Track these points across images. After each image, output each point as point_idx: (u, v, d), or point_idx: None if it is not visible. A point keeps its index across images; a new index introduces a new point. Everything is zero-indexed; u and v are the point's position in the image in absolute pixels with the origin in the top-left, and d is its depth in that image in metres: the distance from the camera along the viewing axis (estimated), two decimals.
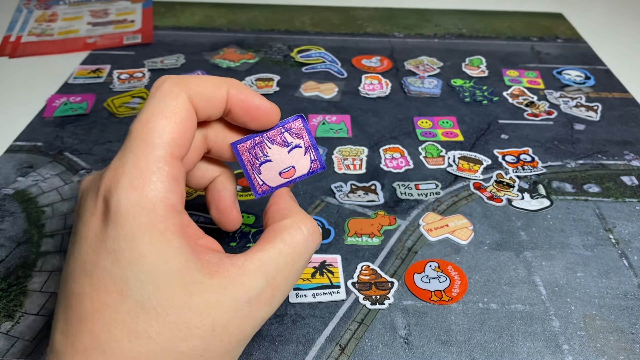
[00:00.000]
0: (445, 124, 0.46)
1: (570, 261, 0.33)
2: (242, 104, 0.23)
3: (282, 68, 0.54)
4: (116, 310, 0.19)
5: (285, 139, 0.25)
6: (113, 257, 0.19)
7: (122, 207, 0.19)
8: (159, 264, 0.19)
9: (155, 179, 0.20)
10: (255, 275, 0.20)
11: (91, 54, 0.56)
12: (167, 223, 0.19)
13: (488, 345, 0.28)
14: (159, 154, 0.20)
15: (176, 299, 0.19)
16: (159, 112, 0.21)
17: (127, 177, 0.20)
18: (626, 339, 0.29)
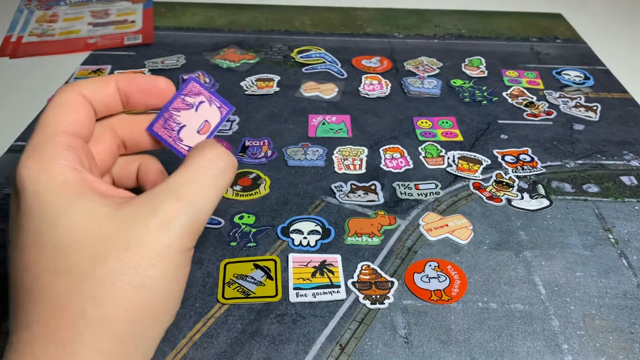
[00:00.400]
0: (444, 124, 0.46)
1: (569, 261, 0.33)
2: (136, 87, 0.26)
3: (282, 68, 0.54)
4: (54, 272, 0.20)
5: (187, 102, 0.27)
6: (29, 224, 0.21)
7: (23, 176, 0.21)
8: (66, 213, 0.21)
9: (50, 147, 0.22)
10: (159, 195, 0.22)
11: (92, 54, 0.56)
12: (66, 177, 0.21)
13: (488, 344, 0.28)
14: (50, 130, 0.23)
15: (86, 236, 0.21)
16: (50, 106, 0.24)
17: (26, 154, 0.22)
18: (625, 338, 0.29)
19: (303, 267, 0.32)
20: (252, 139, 0.43)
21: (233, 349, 0.28)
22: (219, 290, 0.31)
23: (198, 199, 0.22)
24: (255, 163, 0.41)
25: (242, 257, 0.33)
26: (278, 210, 0.36)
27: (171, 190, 0.22)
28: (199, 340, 0.28)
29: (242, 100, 0.49)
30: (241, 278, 0.31)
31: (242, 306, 0.30)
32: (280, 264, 0.32)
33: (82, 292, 0.20)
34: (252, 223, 0.35)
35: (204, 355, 0.27)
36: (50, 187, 0.21)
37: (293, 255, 0.33)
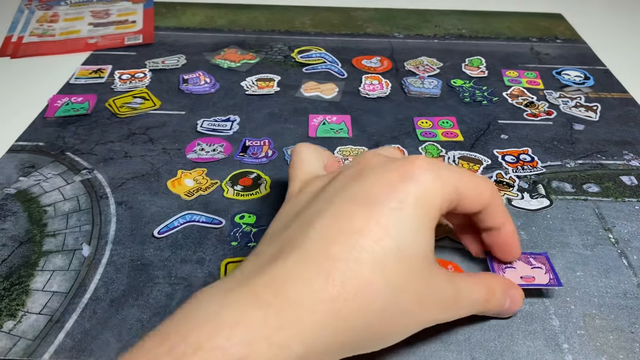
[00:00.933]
0: (445, 124, 0.46)
1: (569, 260, 0.33)
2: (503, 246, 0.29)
3: (282, 68, 0.54)
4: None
5: (529, 261, 0.31)
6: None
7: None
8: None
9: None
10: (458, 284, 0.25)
11: (92, 54, 0.56)
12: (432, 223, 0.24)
13: (488, 344, 0.28)
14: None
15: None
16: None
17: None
18: (626, 337, 0.29)
19: None
20: (252, 139, 0.44)
21: None
22: None
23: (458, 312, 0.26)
24: (255, 163, 0.41)
25: (243, 257, 0.33)
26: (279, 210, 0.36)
27: (456, 288, 0.25)
28: None
29: (243, 101, 0.49)
30: None
31: None
32: None
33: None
34: (252, 223, 0.35)
35: None
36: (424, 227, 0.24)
37: None
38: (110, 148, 0.42)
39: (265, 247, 0.24)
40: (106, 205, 0.37)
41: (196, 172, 0.40)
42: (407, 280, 0.22)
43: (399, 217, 0.22)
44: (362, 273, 0.21)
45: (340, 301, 0.21)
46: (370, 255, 0.21)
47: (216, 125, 0.45)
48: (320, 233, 0.22)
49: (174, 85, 0.51)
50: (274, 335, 0.19)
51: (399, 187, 0.23)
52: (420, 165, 0.23)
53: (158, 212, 0.36)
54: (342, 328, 0.21)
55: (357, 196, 0.23)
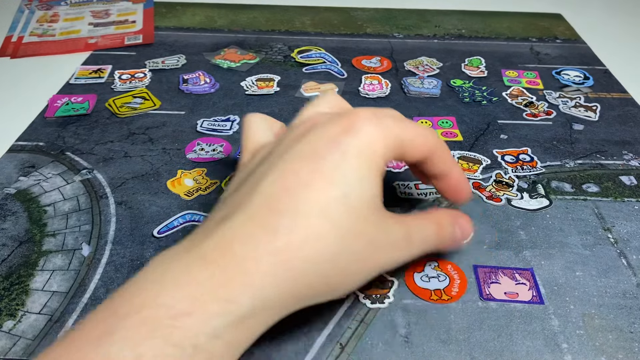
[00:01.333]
0: (444, 124, 0.46)
1: (569, 260, 0.33)
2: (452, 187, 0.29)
3: (282, 68, 0.54)
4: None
5: (514, 277, 0.32)
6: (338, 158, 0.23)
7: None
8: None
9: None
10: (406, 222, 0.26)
11: (92, 54, 0.56)
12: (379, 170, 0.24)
13: (487, 344, 0.28)
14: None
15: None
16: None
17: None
18: (625, 337, 0.29)
19: None
20: None
21: None
22: None
23: (414, 252, 0.26)
24: None
25: None
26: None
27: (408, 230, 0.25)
28: None
29: (243, 101, 0.49)
30: None
31: None
32: None
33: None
34: None
35: None
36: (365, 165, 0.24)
37: None
38: (110, 148, 0.42)
39: (213, 213, 0.24)
40: (106, 205, 0.37)
41: (196, 172, 0.40)
42: (356, 225, 0.22)
43: (343, 167, 0.23)
44: (309, 223, 0.21)
45: (288, 251, 0.21)
46: (315, 205, 0.22)
47: (216, 125, 0.45)
48: (266, 191, 0.22)
49: (173, 85, 0.51)
50: (220, 290, 0.20)
51: (342, 139, 0.23)
52: (363, 116, 0.24)
53: (158, 212, 0.36)
54: (293, 278, 0.21)
55: (301, 153, 0.23)
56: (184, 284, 0.20)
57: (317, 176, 0.22)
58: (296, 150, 0.24)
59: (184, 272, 0.20)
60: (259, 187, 0.23)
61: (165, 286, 0.20)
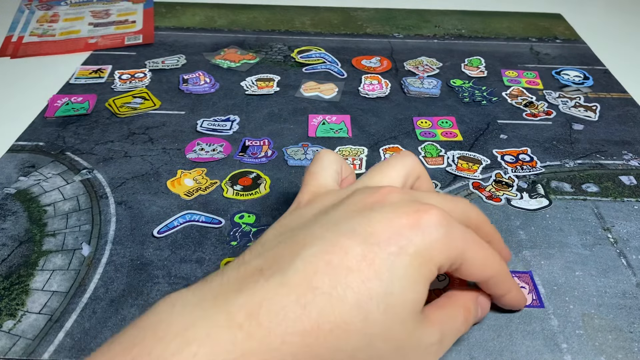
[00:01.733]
0: (444, 124, 0.46)
1: (568, 260, 0.33)
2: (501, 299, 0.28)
3: (282, 68, 0.54)
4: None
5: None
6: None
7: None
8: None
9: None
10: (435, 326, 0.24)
11: (92, 54, 0.56)
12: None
13: (487, 344, 0.28)
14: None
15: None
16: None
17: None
18: (624, 337, 0.29)
19: None
20: (252, 139, 0.44)
21: None
22: None
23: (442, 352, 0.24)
24: (255, 163, 0.41)
25: None
26: (278, 210, 0.37)
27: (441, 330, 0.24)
28: None
29: (243, 100, 0.49)
30: None
31: None
32: None
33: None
34: (252, 222, 0.35)
35: None
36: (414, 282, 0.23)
37: None
38: (110, 148, 0.42)
39: (252, 257, 0.23)
40: (106, 205, 0.37)
41: (196, 172, 0.40)
42: (388, 330, 0.21)
43: (395, 263, 0.21)
44: (342, 311, 0.20)
45: (313, 336, 0.20)
46: (354, 295, 0.20)
47: (216, 125, 0.45)
48: (309, 260, 0.21)
49: (173, 85, 0.51)
50: (239, 357, 0.19)
51: (404, 232, 0.21)
52: (433, 215, 0.22)
53: (158, 211, 0.36)
54: (307, 358, 0.20)
55: (357, 231, 0.22)
56: (205, 344, 0.19)
57: (365, 263, 0.21)
58: (354, 223, 0.22)
59: (207, 328, 0.19)
60: (303, 252, 0.21)
61: (187, 341, 0.19)
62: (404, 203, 0.23)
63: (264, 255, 0.22)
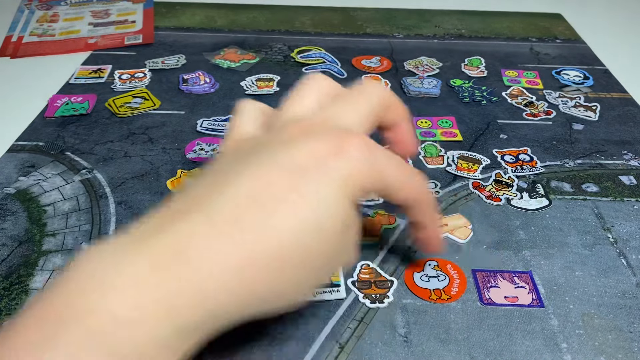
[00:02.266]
0: (444, 124, 0.46)
1: (568, 260, 0.33)
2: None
3: (282, 68, 0.54)
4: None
5: (513, 280, 0.32)
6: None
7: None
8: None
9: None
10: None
11: (92, 54, 0.56)
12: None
13: (487, 343, 0.28)
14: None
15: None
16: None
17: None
18: (624, 337, 0.29)
19: None
20: None
21: (233, 348, 0.28)
22: None
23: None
24: None
25: None
26: None
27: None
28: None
29: None
30: None
31: None
32: None
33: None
34: None
35: (204, 354, 0.27)
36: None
37: None
38: (109, 148, 0.42)
39: (173, 203, 0.22)
40: (106, 205, 0.37)
41: (196, 172, 0.40)
42: (322, 249, 0.22)
43: (322, 191, 0.21)
44: (274, 244, 0.20)
45: (247, 272, 0.20)
46: (285, 226, 0.20)
47: (216, 125, 0.45)
48: (235, 196, 0.21)
49: (173, 85, 0.51)
50: (171, 299, 0.18)
51: (329, 162, 0.22)
52: (355, 143, 0.23)
53: None
54: (245, 294, 0.20)
55: (281, 163, 0.22)
56: (132, 289, 0.18)
57: (294, 195, 0.21)
58: (278, 158, 0.22)
59: (132, 274, 0.19)
60: (228, 189, 0.21)
61: (112, 289, 0.18)
62: (325, 133, 0.23)
63: (186, 198, 0.22)
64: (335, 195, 0.22)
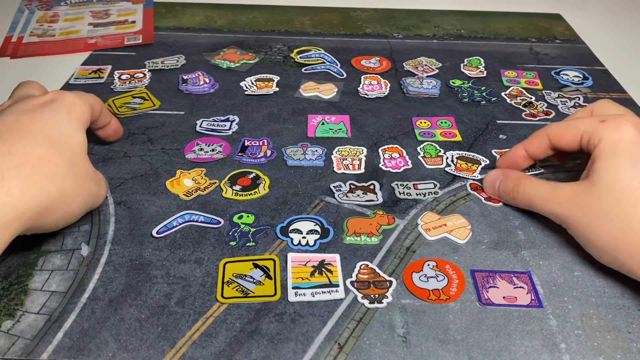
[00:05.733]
0: (443, 124, 0.46)
1: (567, 260, 0.33)
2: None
3: (282, 69, 0.54)
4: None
5: (512, 280, 0.32)
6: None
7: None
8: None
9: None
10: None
11: (92, 54, 0.56)
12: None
13: (486, 344, 0.28)
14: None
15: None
16: None
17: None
18: (623, 337, 0.29)
19: (302, 266, 0.32)
20: (251, 139, 0.44)
21: (232, 348, 0.28)
22: (218, 290, 0.31)
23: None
24: (254, 163, 0.41)
25: (241, 257, 0.33)
26: (277, 210, 0.37)
27: None
28: (198, 340, 0.28)
29: (242, 101, 0.49)
30: (240, 277, 0.32)
31: (241, 305, 0.30)
32: (279, 263, 0.32)
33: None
34: (251, 223, 0.35)
35: (203, 354, 0.27)
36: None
37: (292, 255, 0.33)
38: (109, 148, 0.42)
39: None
40: (105, 205, 0.37)
41: (195, 172, 0.40)
42: (74, 157, 0.31)
43: (56, 117, 0.31)
44: (39, 149, 0.29)
45: (28, 167, 0.28)
46: (40, 137, 0.29)
47: (215, 125, 0.45)
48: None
49: (173, 85, 0.51)
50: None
51: (52, 103, 0.32)
52: (65, 92, 0.34)
53: (157, 212, 0.36)
54: (37, 188, 0.28)
55: (18, 109, 0.31)
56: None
57: (36, 121, 0.30)
58: (14, 108, 0.31)
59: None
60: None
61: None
62: (42, 94, 0.34)
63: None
64: (67, 121, 0.32)
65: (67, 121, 0.32)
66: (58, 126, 0.31)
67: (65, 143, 0.31)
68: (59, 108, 0.32)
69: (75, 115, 0.33)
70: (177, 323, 0.29)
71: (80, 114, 0.33)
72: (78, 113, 0.33)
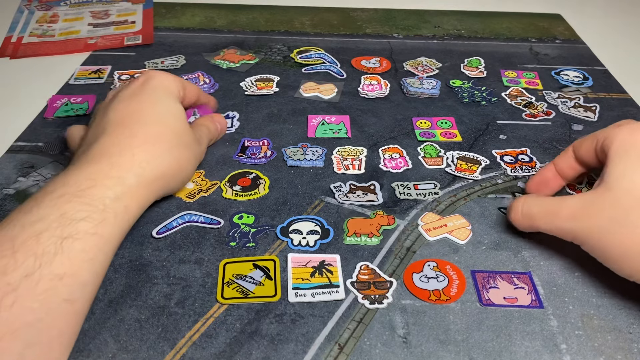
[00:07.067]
0: (443, 125, 0.46)
1: (568, 261, 0.33)
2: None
3: (282, 69, 0.54)
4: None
5: (513, 281, 0.32)
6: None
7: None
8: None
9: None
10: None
11: (92, 54, 0.56)
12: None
13: (486, 344, 0.28)
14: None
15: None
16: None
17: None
18: (624, 338, 0.29)
19: (302, 267, 0.32)
20: (251, 139, 0.44)
21: (232, 349, 0.28)
22: (218, 290, 0.31)
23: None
24: (254, 163, 0.41)
25: (242, 257, 0.33)
26: (277, 211, 0.37)
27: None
28: (198, 340, 0.28)
29: (242, 101, 0.49)
30: (240, 278, 0.31)
31: (241, 306, 0.30)
32: (280, 264, 0.32)
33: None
34: (251, 223, 0.35)
35: (203, 355, 0.27)
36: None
37: (292, 255, 0.33)
38: None
39: (84, 145, 0.34)
40: None
41: (195, 174, 0.40)
42: (180, 127, 0.35)
43: (156, 95, 0.35)
44: (153, 128, 0.33)
45: (147, 144, 0.32)
46: (151, 118, 0.34)
47: None
48: (113, 117, 0.34)
49: None
50: (111, 172, 0.30)
51: (147, 84, 0.36)
52: (154, 71, 0.38)
53: (157, 212, 0.36)
54: (158, 161, 0.32)
55: (124, 96, 0.35)
56: (84, 172, 0.29)
57: (143, 103, 0.35)
58: (119, 97, 0.35)
59: (81, 169, 0.30)
60: (107, 117, 0.34)
61: (71, 176, 0.29)
62: (132, 80, 0.38)
63: (87, 139, 0.34)
64: (165, 97, 0.36)
65: (165, 96, 0.36)
66: (160, 103, 0.35)
67: (171, 116, 0.35)
68: (155, 85, 0.36)
69: (169, 89, 0.37)
70: (177, 324, 0.29)
71: (172, 87, 0.37)
72: (170, 87, 0.37)
